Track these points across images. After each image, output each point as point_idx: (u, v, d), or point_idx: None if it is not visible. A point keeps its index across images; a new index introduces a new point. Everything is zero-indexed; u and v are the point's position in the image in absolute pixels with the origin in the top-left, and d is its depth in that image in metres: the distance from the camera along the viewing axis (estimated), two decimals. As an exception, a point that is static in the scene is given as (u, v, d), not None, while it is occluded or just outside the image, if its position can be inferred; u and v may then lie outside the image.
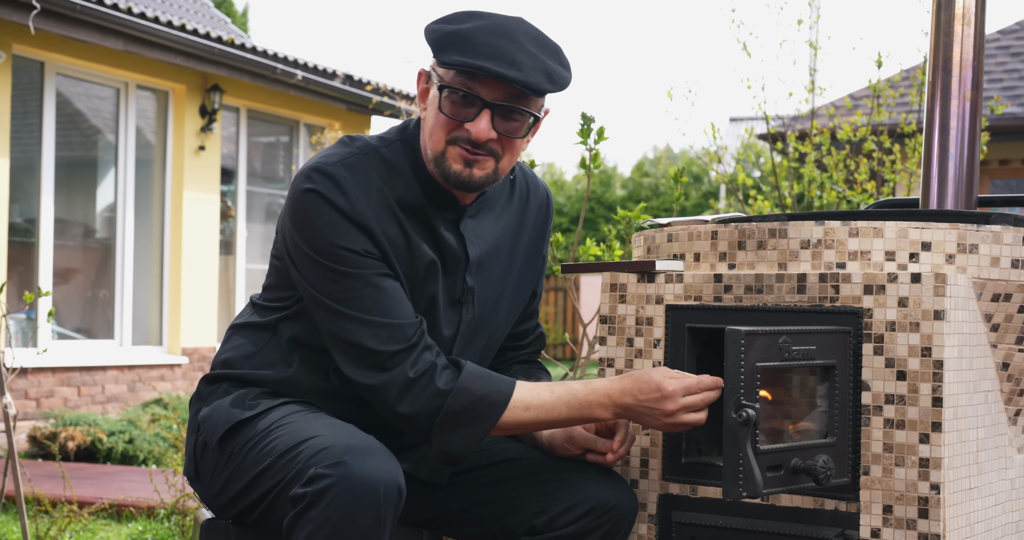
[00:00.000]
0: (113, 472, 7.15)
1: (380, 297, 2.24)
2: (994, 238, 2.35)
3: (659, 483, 2.49)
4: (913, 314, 2.24)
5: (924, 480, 2.22)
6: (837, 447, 2.26)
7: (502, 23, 2.27)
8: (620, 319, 2.56)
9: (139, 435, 7.79)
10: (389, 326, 2.24)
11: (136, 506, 5.89)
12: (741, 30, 6.96)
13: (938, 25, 2.87)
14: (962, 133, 2.83)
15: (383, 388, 2.24)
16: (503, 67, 2.20)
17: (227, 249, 11.17)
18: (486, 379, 2.27)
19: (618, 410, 2.29)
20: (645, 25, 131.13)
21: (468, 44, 2.22)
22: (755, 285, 2.40)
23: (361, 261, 2.24)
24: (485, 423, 2.25)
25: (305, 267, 2.27)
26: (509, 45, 2.23)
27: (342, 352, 2.27)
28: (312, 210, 2.25)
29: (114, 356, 9.62)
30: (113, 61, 9.61)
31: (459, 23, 2.28)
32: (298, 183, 2.28)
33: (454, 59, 2.22)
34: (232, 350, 2.42)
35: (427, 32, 2.30)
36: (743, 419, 2.07)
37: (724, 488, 2.10)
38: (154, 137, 10.37)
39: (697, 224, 2.66)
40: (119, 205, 9.92)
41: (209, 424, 2.34)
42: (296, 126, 11.98)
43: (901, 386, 2.25)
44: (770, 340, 2.14)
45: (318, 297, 2.26)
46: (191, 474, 2.41)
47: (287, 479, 2.17)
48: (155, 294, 10.28)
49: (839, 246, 2.36)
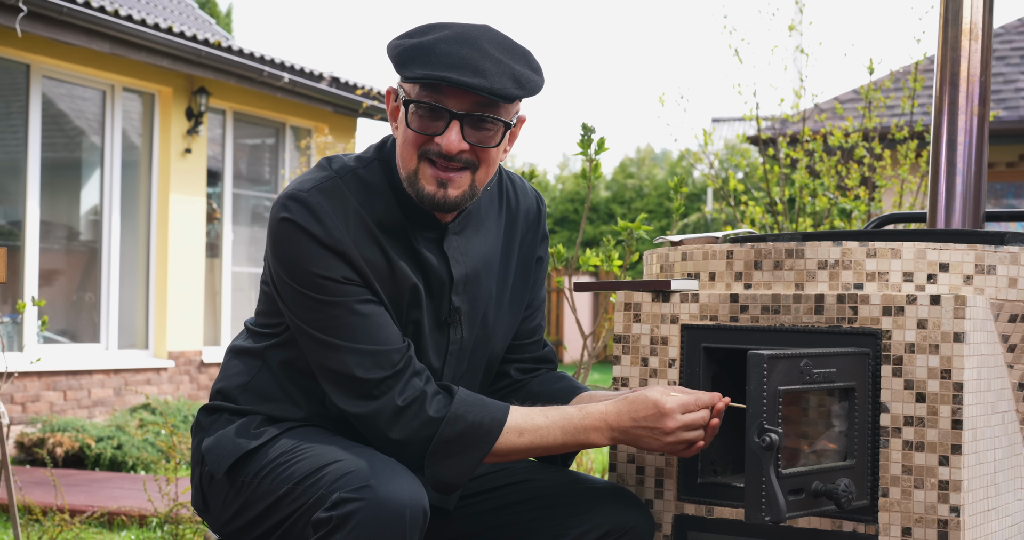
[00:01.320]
0: (103, 479, 7.10)
1: (363, 324, 2.20)
2: (1012, 259, 2.34)
3: (674, 503, 2.48)
4: (932, 336, 2.24)
5: (944, 502, 2.22)
6: (856, 469, 2.26)
7: (464, 32, 2.21)
8: (635, 338, 2.55)
9: (128, 441, 7.74)
10: (374, 353, 2.19)
11: (127, 514, 5.85)
12: (733, 36, 6.95)
13: (945, 40, 2.87)
14: (970, 148, 2.83)
15: (372, 417, 2.20)
16: (467, 75, 2.14)
17: (213, 252, 11.12)
18: (479, 405, 2.23)
19: (614, 434, 2.26)
20: (627, 26, 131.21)
21: (430, 56, 2.17)
22: (772, 305, 2.39)
23: (341, 288, 2.19)
24: (479, 450, 2.21)
25: (288, 297, 2.23)
26: (472, 53, 2.17)
27: (330, 381, 2.23)
28: (288, 239, 2.20)
29: (100, 360, 9.56)
30: (99, 64, 9.56)
31: (421, 36, 2.22)
32: (274, 212, 2.24)
33: (416, 72, 2.16)
34: (227, 379, 2.39)
35: (389, 48, 2.24)
36: (766, 443, 2.06)
37: (746, 512, 2.09)
38: (140, 139, 10.32)
39: (709, 242, 2.66)
40: (105, 207, 9.87)
41: (215, 455, 2.30)
42: (282, 128, 11.94)
43: (920, 408, 2.24)
44: (792, 363, 2.13)
45: (302, 327, 2.22)
46: (199, 505, 2.38)
47: (309, 503, 2.14)
48: (141, 297, 10.23)
49: (856, 267, 2.35)
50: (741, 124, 24.69)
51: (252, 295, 11.73)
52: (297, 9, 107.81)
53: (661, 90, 12.26)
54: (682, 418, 2.23)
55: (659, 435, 2.23)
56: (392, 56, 2.23)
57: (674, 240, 2.65)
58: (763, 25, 8.80)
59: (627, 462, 2.55)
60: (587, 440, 2.25)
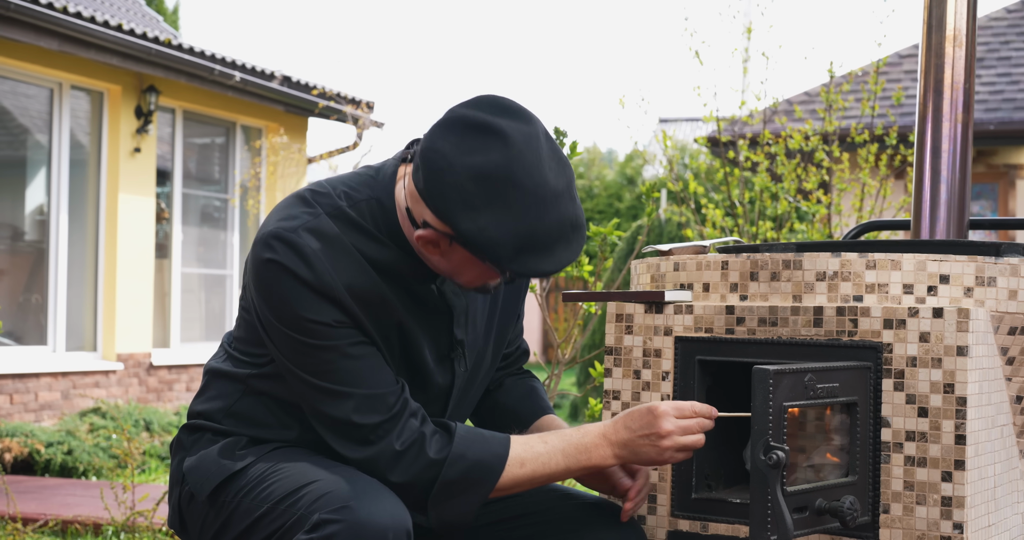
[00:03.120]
0: (54, 485, 6.96)
1: (357, 367, 2.11)
2: (1012, 271, 2.31)
3: (668, 519, 2.43)
4: (935, 349, 2.20)
5: (947, 519, 2.18)
6: (858, 486, 2.21)
7: (563, 214, 2.02)
8: (627, 350, 2.49)
9: (78, 446, 7.59)
10: (368, 397, 2.11)
11: (82, 523, 5.72)
12: (694, 38, 6.93)
13: (929, 46, 2.83)
14: (954, 155, 2.80)
15: (371, 461, 2.12)
16: (554, 267, 2.05)
17: (162, 252, 10.96)
18: (480, 442, 2.15)
19: (616, 450, 2.19)
20: (570, 27, 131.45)
21: (539, 249, 2.00)
22: (769, 318, 2.34)
23: (332, 332, 2.09)
24: (483, 488, 2.14)
25: (276, 338, 2.13)
26: (572, 244, 2.04)
27: (325, 426, 2.14)
28: (275, 282, 2.09)
29: (47, 363, 9.39)
30: (47, 61, 9.38)
31: (496, 208, 1.98)
32: (258, 251, 2.10)
33: (533, 270, 2.02)
34: (208, 402, 2.29)
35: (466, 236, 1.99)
36: (773, 461, 2.01)
37: (752, 532, 2.04)
38: (88, 138, 10.14)
39: (698, 251, 2.61)
40: (52, 207, 9.69)
41: (197, 475, 2.21)
42: (233, 128, 11.80)
43: (923, 423, 2.21)
44: (796, 378, 2.09)
45: (293, 369, 2.13)
46: (176, 526, 2.30)
47: (288, 525, 2.07)
48: (89, 298, 10.06)
49: (856, 278, 2.31)
50: (690, 125, 24.74)
51: (202, 296, 11.58)
52: (243, 8, 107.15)
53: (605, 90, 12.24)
54: (678, 422, 2.17)
55: (656, 441, 2.16)
56: (483, 252, 2.01)
57: (663, 250, 2.60)
58: (723, 27, 8.80)
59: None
60: (589, 460, 2.19)
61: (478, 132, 2.00)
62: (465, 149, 1.98)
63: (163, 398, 10.43)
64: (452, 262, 2.10)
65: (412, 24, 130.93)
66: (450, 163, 1.98)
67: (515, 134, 2.00)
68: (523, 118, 2.04)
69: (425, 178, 2.00)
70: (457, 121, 2.02)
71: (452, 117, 2.03)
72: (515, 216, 1.98)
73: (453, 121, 2.02)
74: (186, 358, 10.86)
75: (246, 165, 11.95)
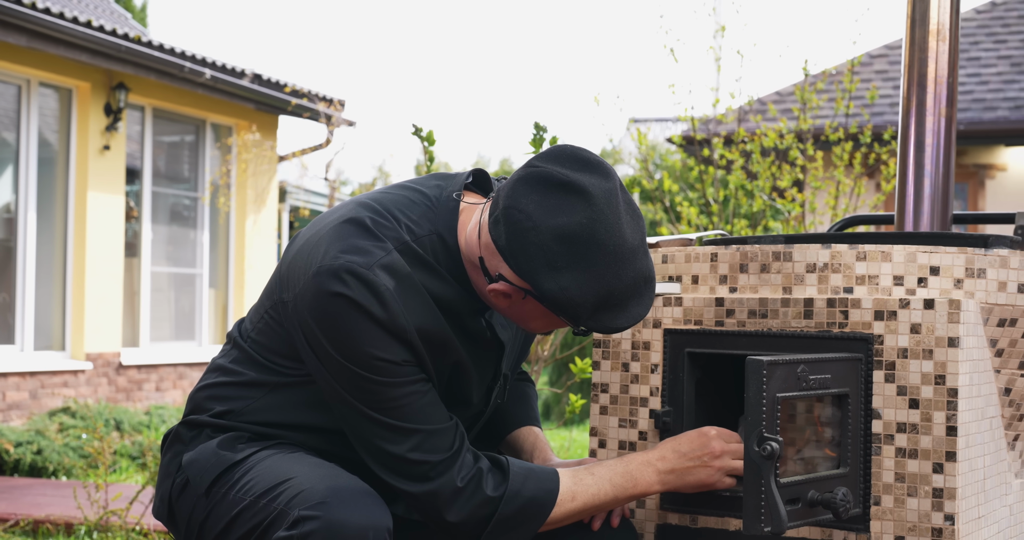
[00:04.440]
0: (23, 485, 6.89)
1: (419, 404, 2.09)
2: (1001, 262, 2.31)
3: (657, 513, 2.42)
4: (926, 341, 2.20)
5: (938, 510, 2.17)
6: (850, 478, 2.21)
7: (640, 274, 2.02)
8: (615, 343, 2.48)
9: (48, 446, 7.52)
10: (430, 434, 2.09)
11: (54, 522, 5.66)
12: (669, 36, 6.93)
13: (912, 41, 2.83)
14: (938, 150, 2.80)
15: (429, 497, 2.09)
16: (628, 323, 2.05)
17: (131, 251, 10.88)
18: (533, 479, 2.15)
19: (663, 476, 2.22)
20: (535, 25, 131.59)
21: (618, 312, 2.01)
22: (759, 309, 2.33)
23: (398, 370, 2.06)
24: (535, 523, 2.15)
25: (333, 369, 2.07)
26: (645, 300, 2.04)
27: (378, 460, 2.11)
28: (344, 317, 2.03)
29: (15, 362, 9.30)
30: (15, 57, 9.30)
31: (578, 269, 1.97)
32: (325, 282, 2.03)
33: (608, 326, 2.03)
34: (220, 402, 2.23)
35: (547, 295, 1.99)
36: (767, 453, 2.00)
37: (745, 524, 2.03)
38: (57, 136, 10.06)
39: (684, 244, 2.60)
40: (20, 205, 9.60)
41: (196, 468, 2.17)
42: (203, 126, 11.72)
43: (914, 414, 2.20)
44: (789, 370, 2.08)
45: (349, 400, 2.08)
46: (164, 517, 2.26)
47: (267, 521, 2.04)
48: (57, 297, 9.97)
49: (846, 270, 2.30)
50: (660, 125, 24.79)
51: (171, 295, 11.50)
52: (210, 6, 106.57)
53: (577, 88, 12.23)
54: (728, 445, 2.24)
55: (709, 461, 2.22)
56: (564, 311, 2.00)
57: (651, 243, 2.59)
58: (698, 25, 8.81)
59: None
60: (635, 488, 2.21)
61: (562, 191, 1.98)
62: (549, 209, 1.97)
63: (132, 398, 10.35)
64: (522, 312, 2.09)
65: (383, 21, 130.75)
66: (535, 224, 1.96)
67: (597, 192, 1.99)
68: (602, 173, 2.02)
69: (508, 236, 1.98)
70: (540, 179, 1.99)
71: (534, 174, 2.01)
72: (596, 276, 1.97)
73: (536, 178, 2.00)
74: (156, 358, 10.78)
75: (216, 163, 11.87)
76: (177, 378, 10.96)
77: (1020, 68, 12.87)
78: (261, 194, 12.19)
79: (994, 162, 12.65)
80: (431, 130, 3.97)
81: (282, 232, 14.85)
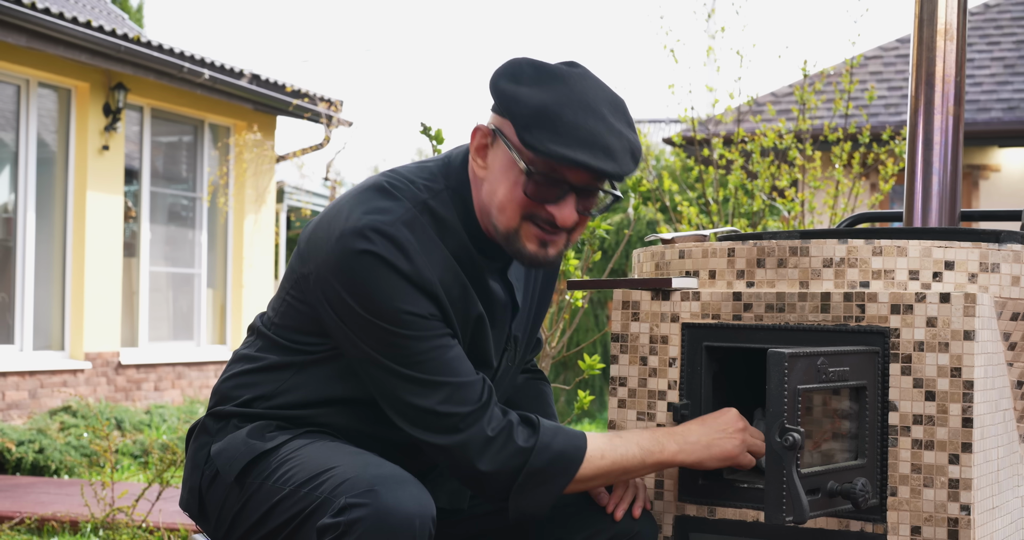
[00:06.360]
0: (27, 484, 6.91)
1: (447, 358, 2.13)
2: (1015, 257, 2.35)
3: (675, 504, 2.45)
4: (942, 334, 2.23)
5: (954, 501, 2.21)
6: (867, 468, 2.24)
7: (584, 93, 2.11)
8: (633, 337, 2.51)
9: (50, 444, 7.53)
10: (458, 386, 2.12)
11: (59, 520, 5.68)
12: (669, 37, 6.97)
13: (920, 40, 2.87)
14: (946, 147, 2.84)
15: (460, 448, 2.12)
16: (600, 160, 2.06)
17: (130, 251, 10.89)
18: (562, 434, 2.19)
19: (689, 445, 2.27)
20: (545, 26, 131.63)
21: (558, 126, 2.06)
22: (777, 303, 2.37)
23: (426, 324, 2.11)
24: (564, 478, 2.17)
25: (360, 329, 2.11)
26: (599, 125, 2.08)
27: (407, 415, 2.14)
28: (371, 273, 2.08)
29: (14, 362, 9.31)
30: (14, 57, 9.31)
31: (536, 85, 2.10)
32: (351, 242, 2.09)
33: (549, 148, 2.05)
34: (247, 389, 2.27)
35: (502, 96, 2.12)
36: (788, 443, 2.04)
37: (767, 513, 2.07)
38: (56, 136, 10.07)
39: (698, 239, 2.63)
40: (19, 205, 9.61)
41: (225, 458, 2.20)
42: (201, 126, 11.74)
43: (930, 406, 2.24)
44: (810, 362, 2.11)
45: (377, 359, 2.12)
46: (193, 509, 2.28)
47: (310, 509, 2.07)
48: (57, 297, 9.99)
49: (862, 265, 2.34)
50: (654, 126, 24.85)
51: (170, 295, 11.51)
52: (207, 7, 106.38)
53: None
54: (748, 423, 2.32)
55: (732, 432, 2.28)
56: (510, 110, 2.10)
57: (666, 238, 2.63)
58: (698, 26, 8.85)
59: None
60: (661, 452, 2.25)
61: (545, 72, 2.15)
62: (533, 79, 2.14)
63: (131, 397, 10.37)
64: (493, 172, 2.16)
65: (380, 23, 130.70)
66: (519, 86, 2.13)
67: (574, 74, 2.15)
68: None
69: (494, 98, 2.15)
70: (523, 63, 2.16)
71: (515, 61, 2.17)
72: (549, 93, 2.10)
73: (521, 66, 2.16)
74: (154, 357, 10.80)
75: (214, 163, 11.89)
76: (176, 378, 10.98)
77: (1013, 70, 12.94)
78: (260, 194, 12.21)
79: (988, 163, 12.71)
80: (439, 129, 4.01)
81: (280, 232, 14.87)
